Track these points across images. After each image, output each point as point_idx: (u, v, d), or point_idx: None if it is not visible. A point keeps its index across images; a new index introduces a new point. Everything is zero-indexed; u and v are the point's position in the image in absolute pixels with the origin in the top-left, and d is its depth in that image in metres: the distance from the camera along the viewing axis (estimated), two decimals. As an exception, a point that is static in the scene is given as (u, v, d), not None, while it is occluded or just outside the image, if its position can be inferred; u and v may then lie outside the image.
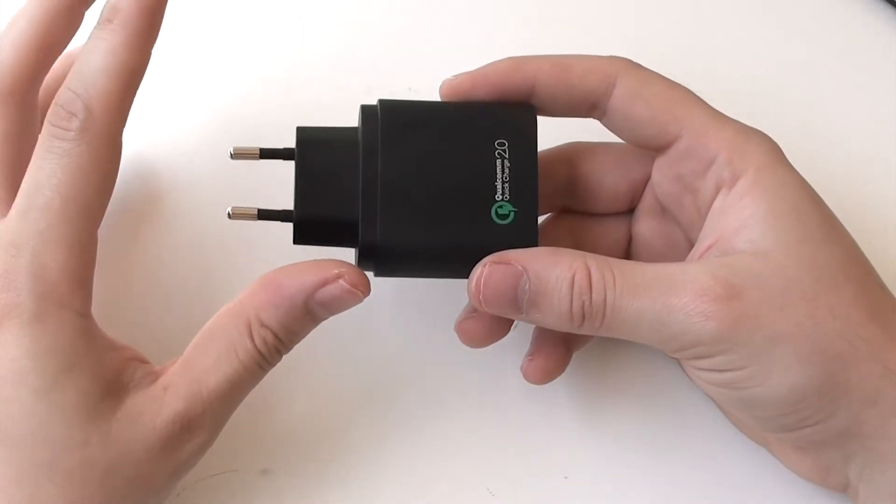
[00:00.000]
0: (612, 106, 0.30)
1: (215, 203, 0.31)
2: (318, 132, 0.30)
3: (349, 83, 0.40)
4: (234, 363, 0.28)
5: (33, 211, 0.27)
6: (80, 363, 0.27)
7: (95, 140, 0.28)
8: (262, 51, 0.41)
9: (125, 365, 0.29)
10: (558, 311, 0.29)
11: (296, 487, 0.33)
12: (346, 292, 0.29)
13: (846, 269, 0.28)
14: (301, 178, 0.30)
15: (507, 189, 0.30)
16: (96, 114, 0.28)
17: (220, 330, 0.29)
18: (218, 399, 0.28)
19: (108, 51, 0.28)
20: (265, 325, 0.29)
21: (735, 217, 0.29)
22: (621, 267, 0.28)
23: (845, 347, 0.27)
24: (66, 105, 0.28)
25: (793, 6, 0.42)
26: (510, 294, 0.29)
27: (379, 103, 0.30)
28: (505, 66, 0.31)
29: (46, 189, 0.27)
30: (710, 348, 0.28)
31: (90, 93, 0.28)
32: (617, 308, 0.28)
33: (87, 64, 0.28)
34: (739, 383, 0.28)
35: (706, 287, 0.27)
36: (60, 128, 0.28)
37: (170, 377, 0.29)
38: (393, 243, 0.29)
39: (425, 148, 0.30)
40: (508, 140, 0.30)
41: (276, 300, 0.29)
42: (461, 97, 0.31)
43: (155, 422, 0.28)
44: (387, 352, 0.35)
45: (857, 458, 0.29)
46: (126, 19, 0.28)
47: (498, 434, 0.34)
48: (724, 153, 0.29)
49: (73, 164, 0.28)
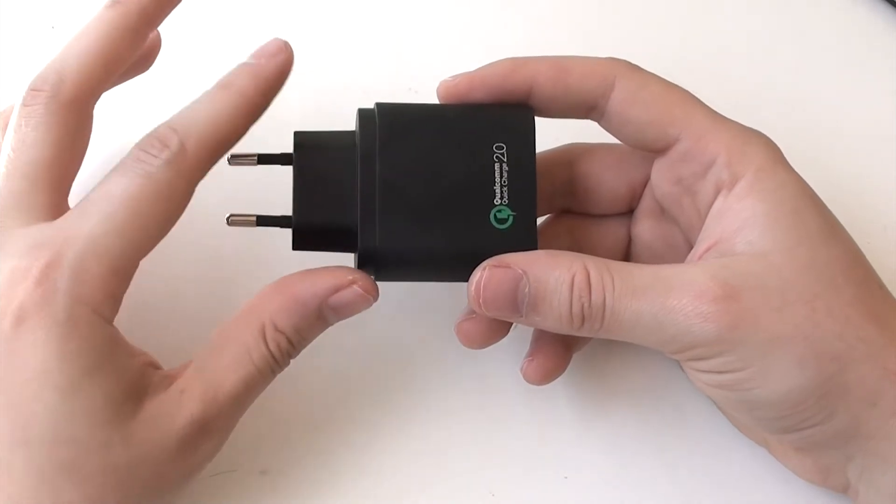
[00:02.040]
0: (610, 108, 0.30)
1: (214, 207, 0.31)
2: (316, 137, 0.31)
3: (349, 83, 0.40)
4: (248, 367, 0.29)
5: (95, 215, 0.27)
6: (104, 366, 0.27)
7: (178, 176, 0.28)
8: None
9: (144, 369, 0.29)
10: (558, 313, 0.29)
11: (296, 487, 0.33)
12: (360, 297, 0.30)
13: (845, 270, 0.28)
14: (299, 185, 0.30)
15: (505, 193, 0.30)
16: (188, 153, 0.28)
17: (234, 334, 0.29)
18: (233, 402, 0.29)
19: (218, 108, 0.29)
20: (280, 329, 0.29)
21: (734, 218, 0.29)
22: (620, 269, 0.28)
23: (844, 348, 0.27)
24: (161, 137, 0.28)
25: (792, 6, 0.42)
26: (510, 297, 0.29)
27: (376, 107, 0.30)
28: (503, 68, 0.31)
29: (116, 200, 0.27)
30: (708, 349, 0.28)
31: (190, 132, 0.28)
32: (616, 310, 0.28)
33: (194, 110, 0.29)
34: (738, 385, 0.28)
35: (705, 288, 0.27)
36: (150, 153, 0.28)
37: (185, 381, 0.29)
38: (392, 249, 0.29)
39: (423, 153, 0.30)
40: (507, 143, 0.30)
41: (291, 305, 0.29)
42: (459, 99, 0.31)
43: (173, 424, 0.28)
44: (387, 353, 0.35)
45: (856, 458, 0.29)
46: (243, 89, 0.29)
47: (498, 434, 0.34)
48: (724, 155, 0.29)
49: (150, 189, 0.28)
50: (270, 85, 0.30)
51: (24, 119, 0.29)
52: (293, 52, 0.30)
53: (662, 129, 0.30)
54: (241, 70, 0.30)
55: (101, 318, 0.27)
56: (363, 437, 0.34)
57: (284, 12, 0.42)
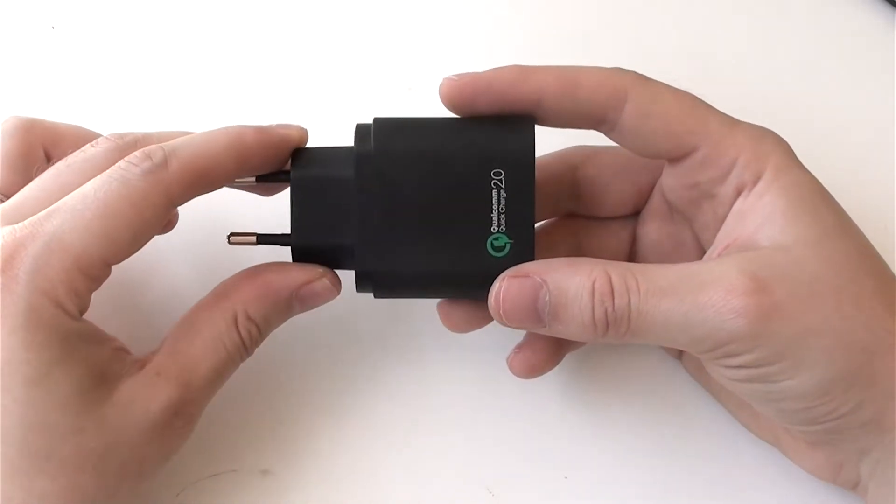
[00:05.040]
0: (623, 122, 0.30)
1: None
2: (314, 155, 0.31)
3: (349, 83, 0.40)
4: (221, 353, 0.29)
5: (65, 213, 0.27)
6: (72, 355, 0.27)
7: (154, 187, 0.28)
8: (261, 52, 0.41)
9: (115, 354, 0.29)
10: (580, 320, 0.28)
11: (296, 487, 0.33)
12: (328, 290, 0.31)
13: (863, 263, 0.29)
14: (297, 205, 0.30)
15: (503, 220, 0.29)
16: (169, 169, 0.28)
17: (205, 321, 0.30)
18: (206, 387, 0.29)
19: (212, 140, 0.29)
20: (251, 317, 0.30)
21: (756, 215, 0.29)
22: (643, 270, 0.28)
23: (871, 339, 0.27)
24: (147, 150, 0.28)
25: (793, 6, 0.42)
26: (530, 307, 0.29)
27: (373, 122, 0.30)
28: (510, 76, 0.30)
29: (88, 200, 0.27)
30: (741, 345, 0.27)
31: (176, 152, 0.29)
32: (643, 312, 0.28)
33: (190, 137, 0.29)
34: (768, 377, 0.28)
35: (735, 282, 0.27)
36: (131, 163, 0.28)
37: (160, 364, 0.29)
38: (390, 270, 0.30)
39: (421, 175, 0.29)
40: (505, 170, 0.29)
41: (265, 294, 0.30)
42: (462, 102, 0.30)
43: (149, 406, 0.28)
44: (387, 353, 0.35)
45: (872, 452, 0.29)
46: (243, 135, 0.30)
47: (498, 434, 0.34)
48: (743, 157, 0.29)
49: (123, 193, 0.28)
50: (272, 143, 0.30)
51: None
52: (308, 137, 0.31)
53: (680, 140, 0.30)
54: (251, 125, 0.30)
55: (63, 311, 0.27)
56: (363, 437, 0.34)
57: (284, 13, 0.42)
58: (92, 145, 0.30)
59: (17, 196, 0.29)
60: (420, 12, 0.42)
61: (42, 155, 0.32)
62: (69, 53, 0.41)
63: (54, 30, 0.41)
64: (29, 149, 0.32)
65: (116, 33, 0.41)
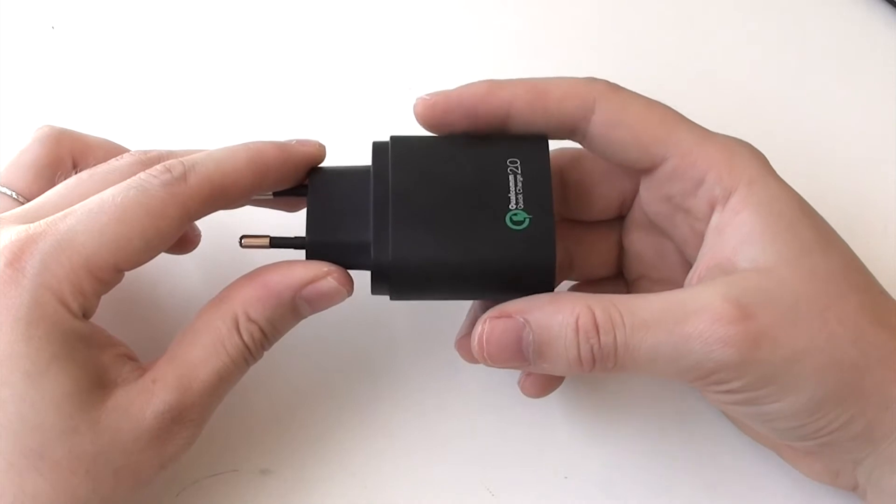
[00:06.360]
0: (591, 131, 0.30)
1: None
2: (330, 171, 0.31)
3: (349, 83, 0.40)
4: (222, 357, 0.29)
5: (80, 214, 0.28)
6: (72, 353, 0.27)
7: (172, 199, 0.28)
8: (261, 50, 0.41)
9: (116, 359, 0.29)
10: (566, 358, 0.28)
11: (296, 487, 0.33)
12: (335, 290, 0.30)
13: (847, 277, 0.28)
14: (313, 208, 0.30)
15: (520, 199, 0.29)
16: (187, 183, 0.28)
17: (206, 325, 0.29)
18: (207, 392, 0.29)
19: (233, 157, 0.29)
20: (252, 319, 0.29)
21: (732, 235, 0.29)
22: (626, 302, 0.28)
23: (858, 355, 0.27)
24: (168, 164, 0.28)
25: (793, 6, 0.42)
26: (514, 348, 0.28)
27: (390, 139, 0.30)
28: (480, 90, 0.30)
29: (105, 205, 0.28)
30: (729, 373, 0.27)
31: (196, 167, 0.28)
32: (630, 346, 0.27)
33: (210, 152, 0.29)
34: (758, 401, 0.28)
35: (720, 310, 0.27)
36: (151, 174, 0.28)
37: (158, 371, 0.29)
38: (406, 260, 0.29)
39: (436, 169, 0.30)
40: (520, 158, 0.30)
41: (264, 295, 0.29)
42: (435, 119, 0.30)
43: (144, 412, 0.28)
44: (387, 353, 0.35)
45: (866, 461, 0.29)
46: (264, 151, 0.30)
47: (498, 434, 0.34)
48: (714, 171, 0.29)
49: (139, 201, 0.28)
50: (292, 159, 0.30)
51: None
52: (325, 154, 0.31)
53: (646, 150, 0.30)
54: (271, 141, 0.30)
55: (66, 309, 0.27)
56: (363, 437, 0.34)
57: (284, 13, 0.42)
58: (117, 159, 0.30)
59: (38, 199, 0.30)
60: (420, 13, 0.42)
61: (69, 165, 0.32)
62: (69, 53, 0.41)
63: (54, 30, 0.41)
64: (57, 158, 0.32)
65: (116, 33, 0.41)
